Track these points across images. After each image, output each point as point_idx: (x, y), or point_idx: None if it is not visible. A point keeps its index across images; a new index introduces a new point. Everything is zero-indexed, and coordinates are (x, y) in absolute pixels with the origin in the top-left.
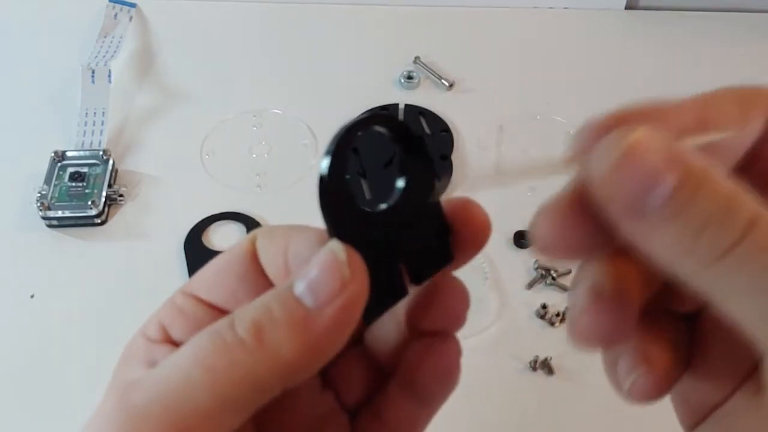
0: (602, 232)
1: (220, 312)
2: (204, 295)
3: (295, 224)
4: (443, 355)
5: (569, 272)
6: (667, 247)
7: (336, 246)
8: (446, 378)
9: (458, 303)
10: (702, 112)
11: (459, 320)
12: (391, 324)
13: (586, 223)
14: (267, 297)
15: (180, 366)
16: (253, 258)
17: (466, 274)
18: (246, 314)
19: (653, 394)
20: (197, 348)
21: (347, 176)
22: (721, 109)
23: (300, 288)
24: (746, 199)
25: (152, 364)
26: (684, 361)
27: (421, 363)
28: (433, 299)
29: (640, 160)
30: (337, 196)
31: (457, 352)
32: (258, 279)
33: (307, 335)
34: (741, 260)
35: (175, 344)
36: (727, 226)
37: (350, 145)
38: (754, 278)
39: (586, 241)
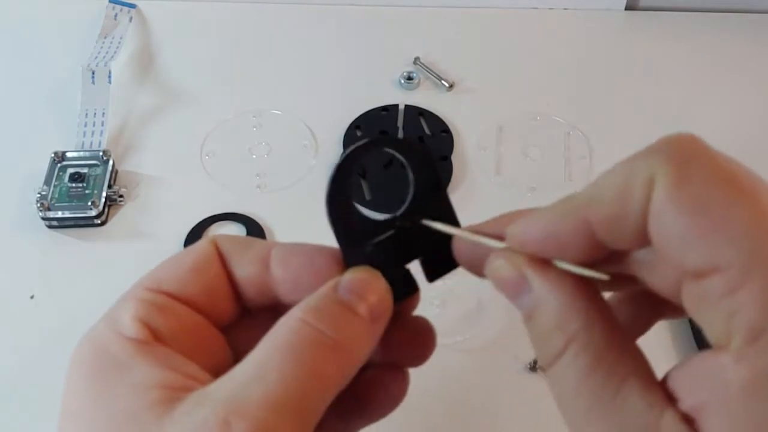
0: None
1: (193, 308)
2: (176, 291)
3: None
4: (398, 387)
5: None
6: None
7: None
8: (392, 407)
9: (429, 345)
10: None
11: (423, 360)
12: None
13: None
14: (328, 304)
15: (280, 370)
16: (221, 261)
17: (466, 274)
18: (322, 318)
19: None
20: (290, 351)
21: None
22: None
23: (360, 304)
24: (548, 322)
25: (171, 367)
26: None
27: (377, 391)
28: (410, 337)
29: (499, 279)
30: (343, 211)
31: (407, 384)
32: (227, 280)
33: (374, 331)
34: (557, 376)
35: (164, 342)
36: (548, 346)
37: (355, 165)
38: (563, 391)
39: None
